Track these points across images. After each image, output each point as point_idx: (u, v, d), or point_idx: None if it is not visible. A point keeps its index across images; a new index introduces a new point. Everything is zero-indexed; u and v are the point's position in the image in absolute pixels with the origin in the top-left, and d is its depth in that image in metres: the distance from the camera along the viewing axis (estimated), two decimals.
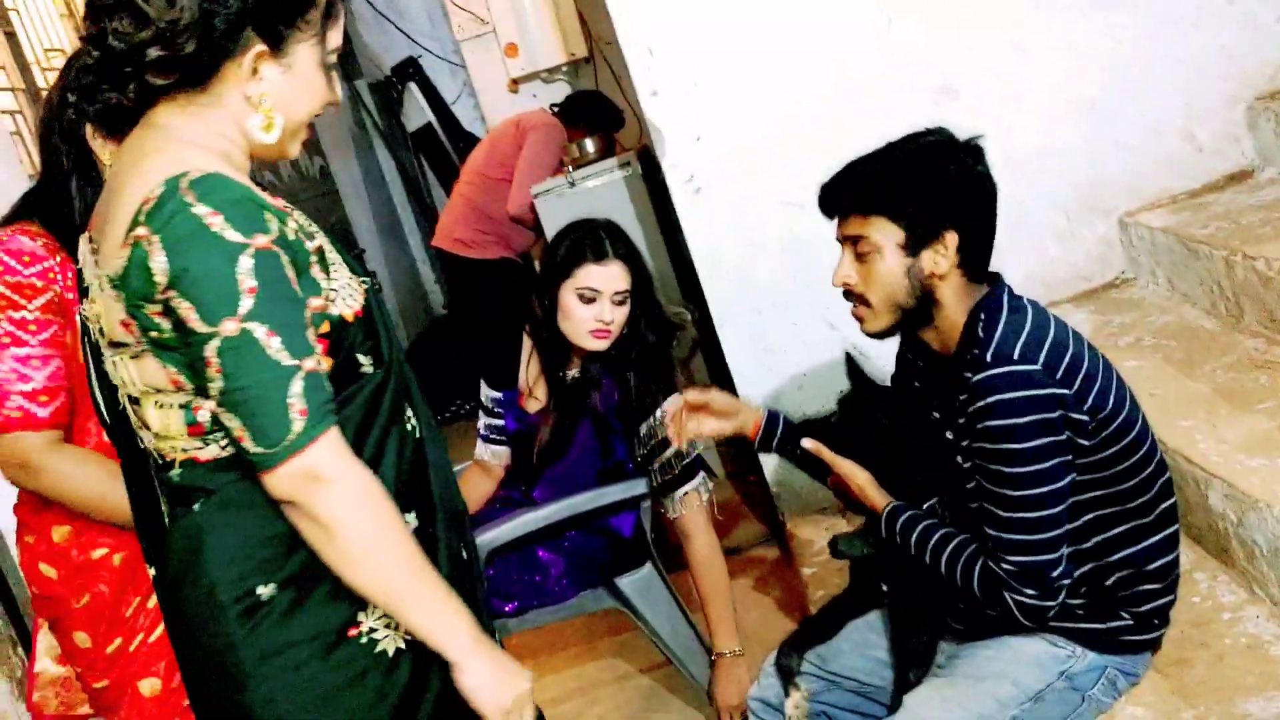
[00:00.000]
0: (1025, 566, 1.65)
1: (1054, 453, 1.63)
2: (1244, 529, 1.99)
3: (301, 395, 1.30)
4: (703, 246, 3.21)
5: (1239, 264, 2.57)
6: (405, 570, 1.38)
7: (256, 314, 1.28)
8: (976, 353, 1.68)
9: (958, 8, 3.07)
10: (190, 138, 1.37)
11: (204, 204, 1.27)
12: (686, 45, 3.09)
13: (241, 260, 1.27)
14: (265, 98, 1.39)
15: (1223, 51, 3.09)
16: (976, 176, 1.74)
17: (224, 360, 1.28)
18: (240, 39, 1.36)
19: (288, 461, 1.30)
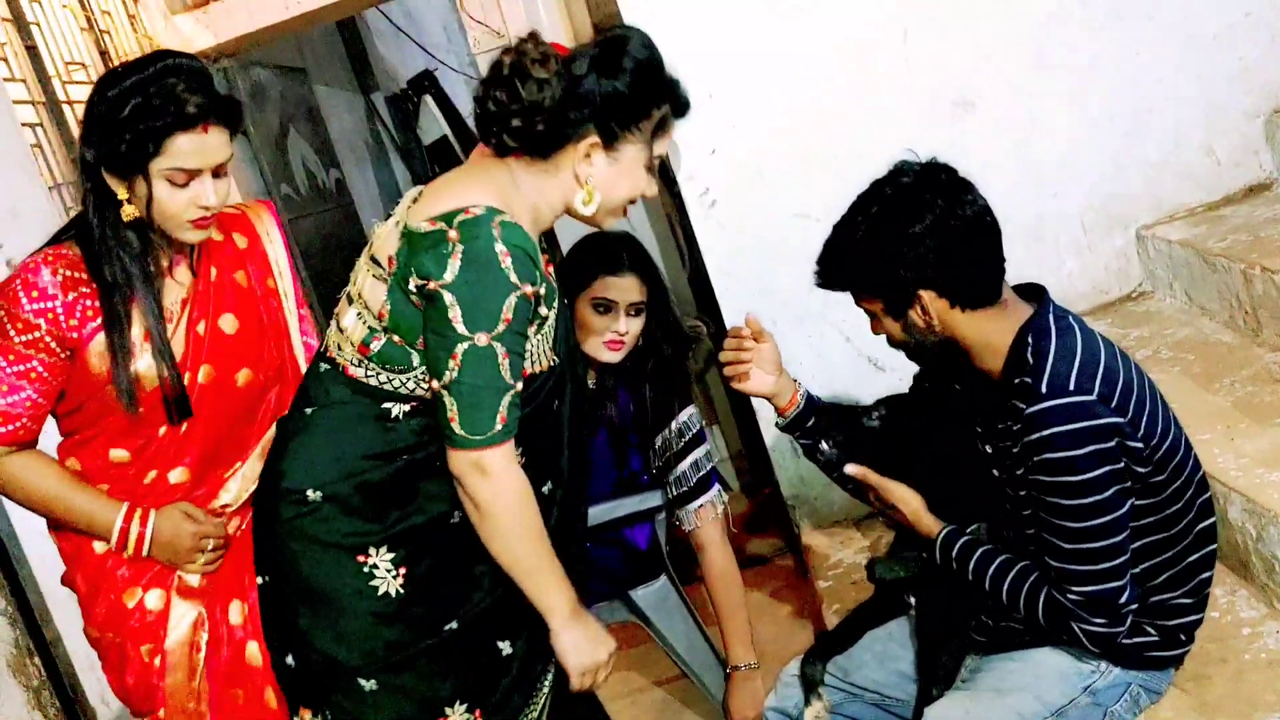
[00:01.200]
0: (1091, 596, 1.64)
1: (1113, 481, 1.62)
2: (1263, 543, 1.98)
3: (507, 407, 1.65)
4: (717, 259, 3.21)
5: (1258, 277, 2.55)
6: (529, 555, 1.73)
7: (502, 337, 1.63)
8: (1029, 382, 1.65)
9: (976, 21, 3.07)
10: (522, 187, 1.72)
11: (504, 244, 1.61)
12: (702, 58, 3.09)
13: (510, 298, 1.62)
14: (591, 178, 1.72)
15: (1241, 65, 3.09)
16: (951, 224, 1.68)
17: (466, 360, 1.62)
18: (581, 129, 1.69)
19: (474, 450, 1.64)
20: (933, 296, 1.69)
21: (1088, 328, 1.73)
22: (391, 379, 1.73)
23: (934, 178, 1.73)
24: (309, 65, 5.83)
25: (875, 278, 1.73)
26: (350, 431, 1.75)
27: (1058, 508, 1.63)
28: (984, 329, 1.72)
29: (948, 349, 1.75)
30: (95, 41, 4.19)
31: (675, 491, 2.55)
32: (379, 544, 1.75)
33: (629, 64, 1.70)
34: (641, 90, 1.71)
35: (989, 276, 1.72)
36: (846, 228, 1.77)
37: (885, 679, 2.03)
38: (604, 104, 1.69)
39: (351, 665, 1.77)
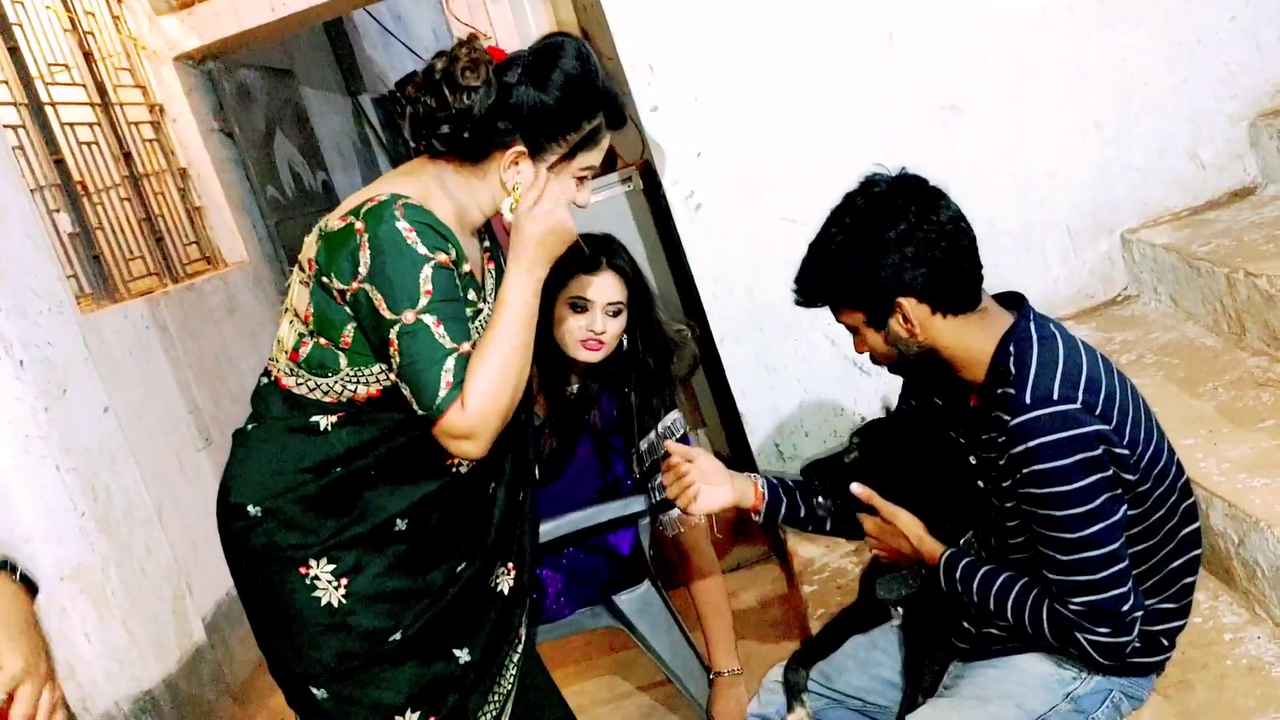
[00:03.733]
0: (1094, 605, 1.63)
1: (1103, 489, 1.61)
2: (1245, 549, 1.98)
3: (452, 370, 1.64)
4: (703, 263, 3.21)
5: (1241, 282, 2.55)
6: (519, 348, 1.71)
7: (429, 309, 1.63)
8: (1012, 392, 1.64)
9: (963, 27, 3.06)
10: (450, 187, 1.76)
11: (406, 221, 1.64)
12: (687, 61, 3.09)
13: (425, 269, 1.63)
14: (518, 186, 1.74)
15: (1226, 70, 3.09)
16: (926, 230, 1.67)
17: (401, 342, 1.64)
18: (508, 138, 1.72)
19: (439, 421, 1.64)
20: (913, 303, 1.68)
21: (1069, 335, 1.72)
22: (320, 385, 1.74)
23: (905, 186, 1.73)
24: (296, 67, 5.81)
25: (855, 288, 1.72)
26: (285, 445, 1.77)
27: (1051, 520, 1.62)
28: (965, 337, 1.71)
29: (930, 360, 1.74)
30: (78, 43, 4.17)
31: (659, 496, 2.53)
32: (318, 556, 1.76)
33: (558, 77, 1.71)
34: (570, 104, 1.72)
35: (968, 281, 1.71)
36: (822, 242, 1.77)
37: (868, 685, 2.02)
38: (531, 115, 1.71)
39: (301, 674, 1.80)
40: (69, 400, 3.30)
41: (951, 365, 1.74)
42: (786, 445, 3.29)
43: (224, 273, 4.60)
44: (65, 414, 3.26)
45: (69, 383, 3.31)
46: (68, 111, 3.93)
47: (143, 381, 3.77)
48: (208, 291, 4.40)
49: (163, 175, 4.50)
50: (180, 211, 4.56)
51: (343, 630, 1.77)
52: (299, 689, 1.83)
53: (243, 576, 1.84)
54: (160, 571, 3.53)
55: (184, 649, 3.53)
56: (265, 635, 1.85)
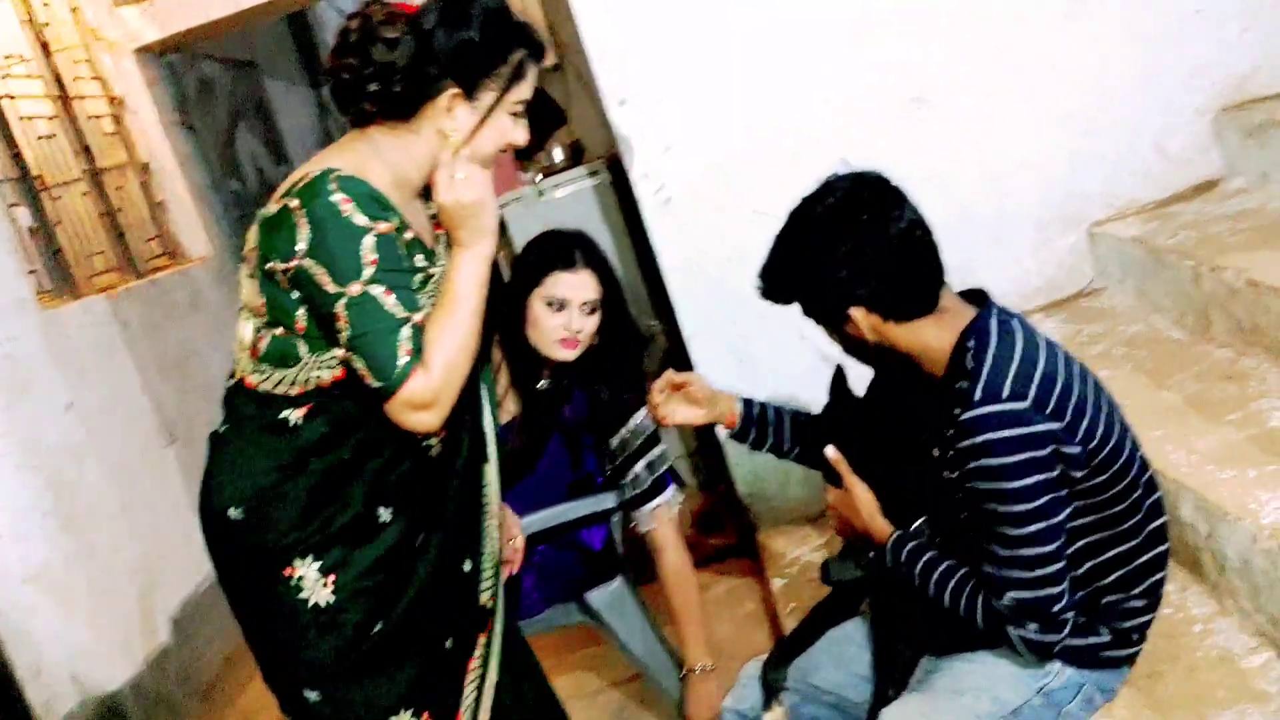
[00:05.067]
0: (1024, 602, 1.64)
1: (1046, 489, 1.61)
2: (1214, 541, 1.99)
3: (409, 339, 1.62)
4: (673, 258, 3.20)
5: (1206, 274, 2.57)
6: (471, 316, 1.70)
7: (375, 279, 1.61)
8: (965, 386, 1.64)
9: (932, 20, 3.07)
10: (385, 152, 1.72)
11: (341, 192, 1.61)
12: (655, 53, 3.08)
13: (365, 239, 1.61)
14: (455, 132, 1.71)
15: (1192, 63, 3.11)
16: (877, 241, 1.67)
17: (350, 314, 1.61)
18: (440, 84, 1.69)
19: (398, 393, 1.61)
20: (863, 313, 1.70)
21: (1030, 330, 1.72)
22: (285, 377, 1.72)
23: (860, 195, 1.72)
24: (258, 59, 5.75)
25: (806, 295, 1.76)
26: (258, 445, 1.75)
27: (992, 514, 1.63)
28: (921, 337, 1.72)
29: (890, 356, 1.76)
30: (36, 34, 4.10)
31: (631, 493, 2.53)
32: (303, 554, 1.73)
33: (478, 11, 1.69)
34: (494, 37, 1.71)
35: (921, 289, 1.72)
36: (780, 246, 1.79)
37: (843, 680, 2.02)
38: (458, 55, 1.69)
39: (293, 678, 1.77)
40: (30, 397, 3.25)
41: (911, 361, 1.75)
42: None
43: (187, 268, 4.54)
44: (27, 411, 3.22)
45: (30, 380, 3.27)
46: (26, 104, 3.87)
47: (105, 378, 3.72)
48: (170, 287, 4.34)
49: (124, 169, 4.44)
50: (142, 206, 4.50)
51: (333, 629, 1.74)
52: (292, 693, 1.79)
53: (230, 583, 1.81)
54: (126, 570, 3.49)
55: (150, 649, 3.50)
56: (256, 641, 1.82)
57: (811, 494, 3.30)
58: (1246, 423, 2.21)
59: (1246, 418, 2.23)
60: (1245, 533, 1.89)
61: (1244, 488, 1.99)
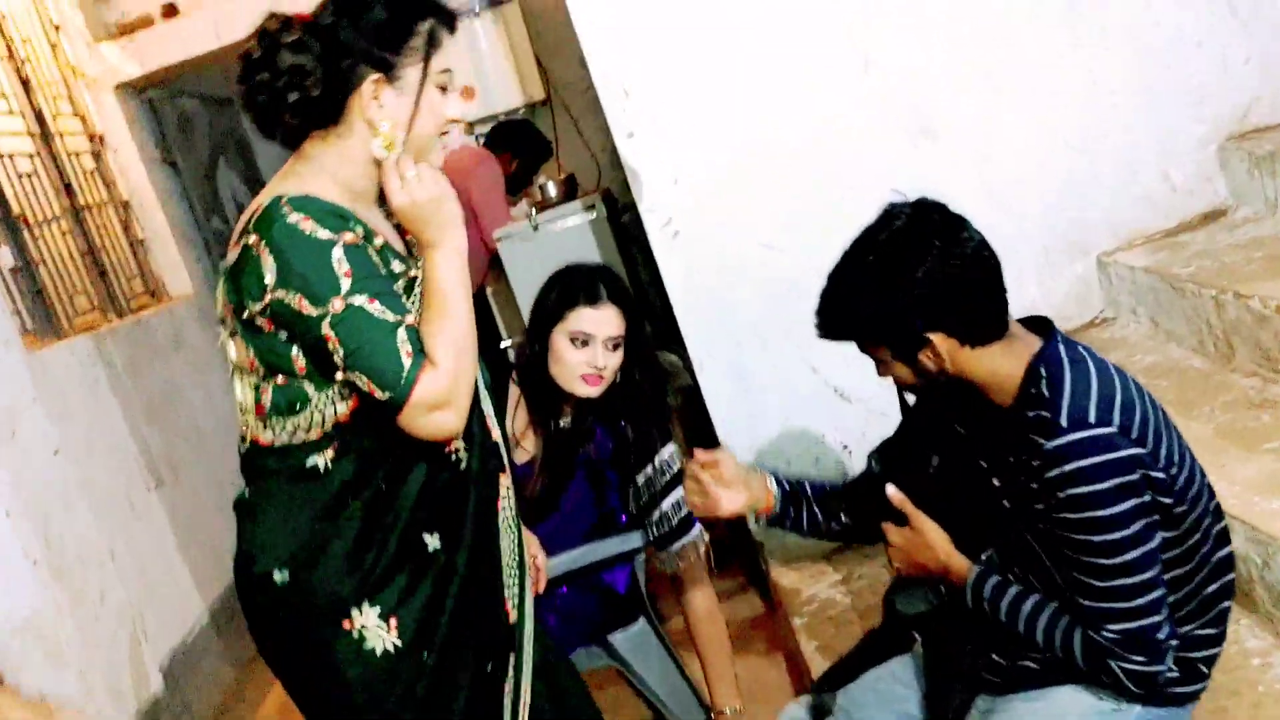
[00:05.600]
0: (1129, 633, 1.59)
1: (1140, 514, 1.58)
2: (1270, 571, 1.97)
3: (408, 340, 1.55)
4: (681, 290, 3.15)
5: (1230, 302, 2.56)
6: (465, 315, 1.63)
7: (355, 289, 1.54)
8: (1047, 415, 1.60)
9: (936, 50, 3.06)
10: (326, 165, 1.65)
11: (298, 213, 1.55)
12: (663, 86, 3.05)
13: (334, 252, 1.54)
14: (385, 122, 1.63)
15: (1195, 93, 3.12)
16: (952, 264, 1.63)
17: (339, 331, 1.53)
18: (358, 73, 1.62)
19: (410, 398, 1.53)
20: (942, 338, 1.64)
21: (1100, 358, 1.70)
22: (299, 424, 1.64)
23: (928, 217, 1.69)
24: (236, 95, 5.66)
25: (882, 326, 1.68)
26: (291, 498, 1.66)
27: (1087, 545, 1.59)
28: (994, 364, 1.68)
29: (959, 387, 1.70)
30: (15, 70, 4.02)
31: (657, 532, 2.47)
32: (358, 603, 1.64)
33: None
34: (396, 11, 1.65)
35: (995, 312, 1.68)
36: (844, 277, 1.71)
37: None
38: (366, 39, 1.62)
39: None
40: (18, 441, 3.14)
41: (979, 390, 1.71)
42: None
43: (170, 306, 4.45)
44: (14, 456, 3.11)
45: (18, 423, 3.16)
46: (6, 142, 3.78)
47: (92, 420, 3.62)
48: (154, 326, 4.25)
49: (104, 207, 4.34)
50: (123, 244, 4.41)
51: (404, 671, 1.65)
52: None
53: (282, 653, 1.71)
54: (116, 619, 3.37)
55: (142, 699, 3.38)
56: (315, 708, 1.72)
57: None
58: None
59: None
60: None
61: None
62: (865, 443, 3.20)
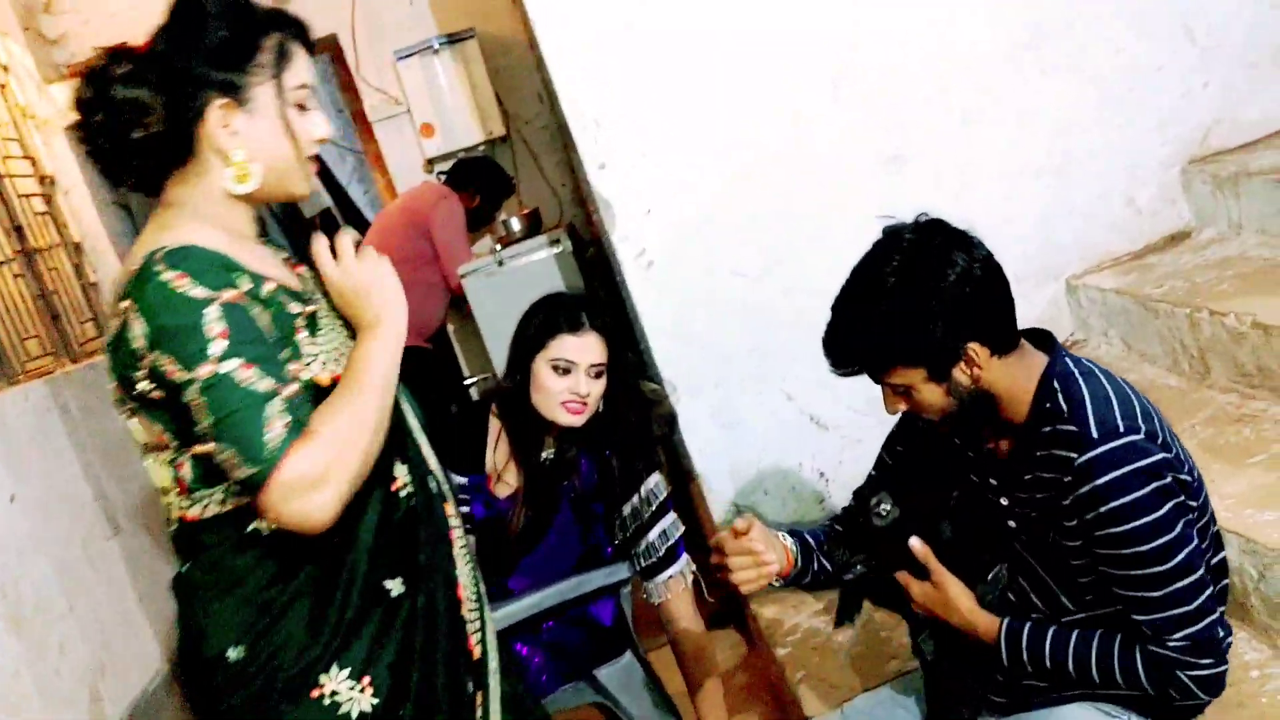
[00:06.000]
0: (1194, 638, 1.56)
1: (1180, 515, 1.56)
2: (1266, 583, 1.97)
3: (280, 414, 1.39)
4: (656, 321, 3.13)
5: (1205, 320, 2.59)
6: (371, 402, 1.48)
7: (228, 354, 1.39)
8: (1073, 429, 1.58)
9: (905, 80, 3.08)
10: (193, 208, 1.51)
11: (173, 269, 1.40)
12: (634, 117, 3.04)
13: (207, 312, 1.39)
14: (237, 150, 1.49)
15: (1157, 118, 3.17)
16: (974, 270, 1.61)
17: (205, 398, 1.38)
18: (200, 100, 1.48)
19: (275, 474, 1.37)
20: (977, 347, 1.60)
21: (1104, 369, 1.69)
22: (231, 490, 1.47)
23: (939, 231, 1.67)
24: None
25: (917, 343, 1.60)
26: (234, 570, 1.51)
27: (1138, 557, 1.55)
28: (1013, 376, 1.66)
29: (983, 403, 1.66)
30: None
31: (644, 563, 2.44)
32: (326, 667, 1.50)
33: (210, 7, 1.50)
34: (241, 25, 1.50)
35: (1013, 317, 1.67)
36: (864, 302, 1.63)
37: None
38: (207, 60, 1.48)
39: None
40: None
41: (997, 407, 1.68)
42: (746, 504, 3.21)
43: None
44: None
45: None
46: None
47: (47, 468, 3.50)
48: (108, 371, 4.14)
49: (56, 250, 4.24)
50: (76, 287, 4.30)
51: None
52: None
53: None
54: (75, 673, 3.25)
55: None
56: None
57: None
58: (1274, 464, 2.20)
59: (1272, 459, 2.22)
60: None
61: None
62: (842, 470, 3.21)
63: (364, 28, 4.81)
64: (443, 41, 4.68)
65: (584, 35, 2.99)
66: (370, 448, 1.47)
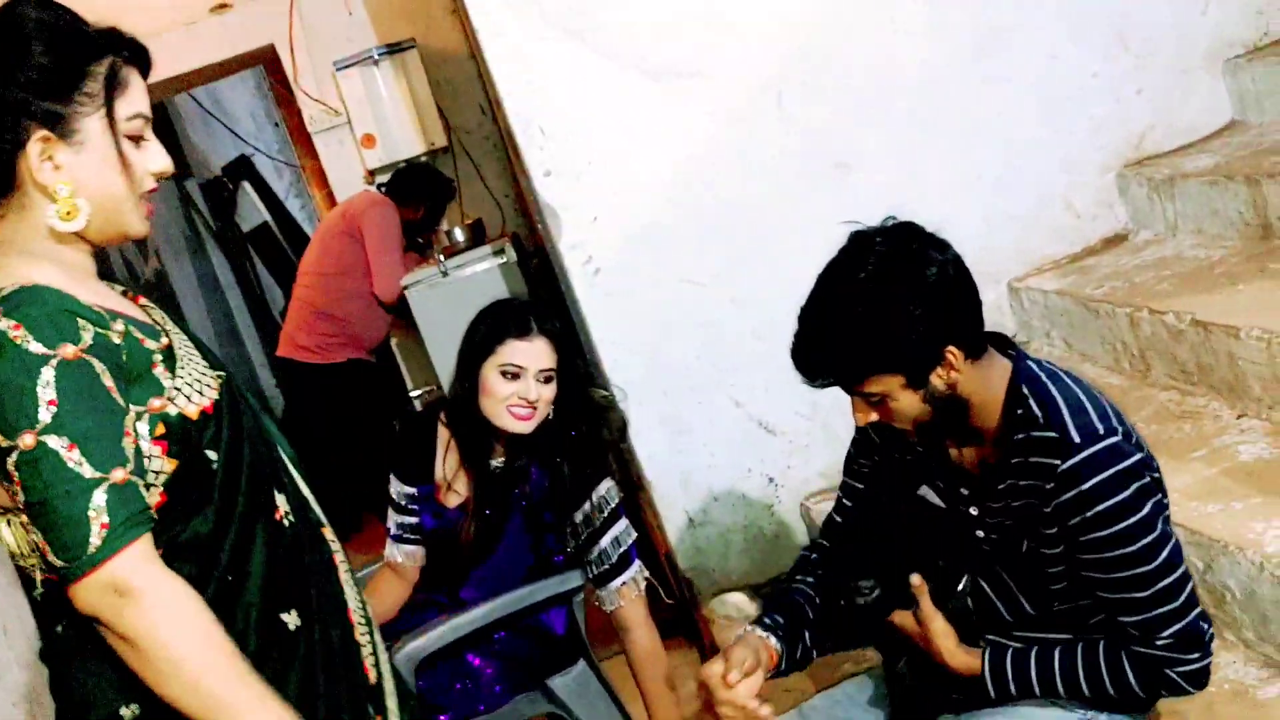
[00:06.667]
0: (1181, 634, 1.57)
1: (1159, 513, 1.57)
2: (1213, 574, 2.00)
3: (105, 508, 1.27)
4: (604, 328, 3.12)
5: (1145, 319, 2.63)
6: (222, 680, 1.33)
7: (54, 427, 1.27)
8: (1053, 435, 1.57)
9: (849, 87, 3.11)
10: (21, 245, 1.38)
11: (9, 318, 1.28)
12: (580, 125, 3.03)
13: (43, 372, 1.27)
14: (62, 186, 1.37)
15: (1093, 123, 3.23)
16: (950, 274, 1.59)
17: (22, 474, 1.27)
18: (20, 131, 1.35)
19: (89, 575, 1.27)
20: (954, 351, 1.58)
21: (1067, 370, 1.70)
22: None
23: (911, 233, 1.65)
24: None
25: (898, 347, 1.56)
26: None
27: (1124, 558, 1.55)
28: (985, 380, 1.64)
29: (957, 409, 1.63)
30: None
31: (596, 570, 2.42)
32: None
33: (33, 29, 1.37)
34: (60, 48, 1.38)
35: (983, 321, 1.65)
36: (840, 307, 1.58)
37: None
38: (27, 88, 1.36)
39: None
40: None
41: (969, 414, 1.66)
42: (696, 511, 3.21)
43: None
44: None
45: None
46: None
47: None
48: None
49: None
50: None
51: None
52: None
53: None
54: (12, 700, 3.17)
55: None
56: None
57: (754, 563, 3.24)
58: (1215, 459, 2.24)
59: (1213, 454, 2.26)
60: (1249, 563, 1.90)
61: (1236, 520, 2.00)
62: (790, 475, 3.23)
63: (302, 38, 4.76)
64: (383, 52, 4.65)
65: (528, 43, 2.98)
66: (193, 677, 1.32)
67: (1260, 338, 2.27)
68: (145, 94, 1.45)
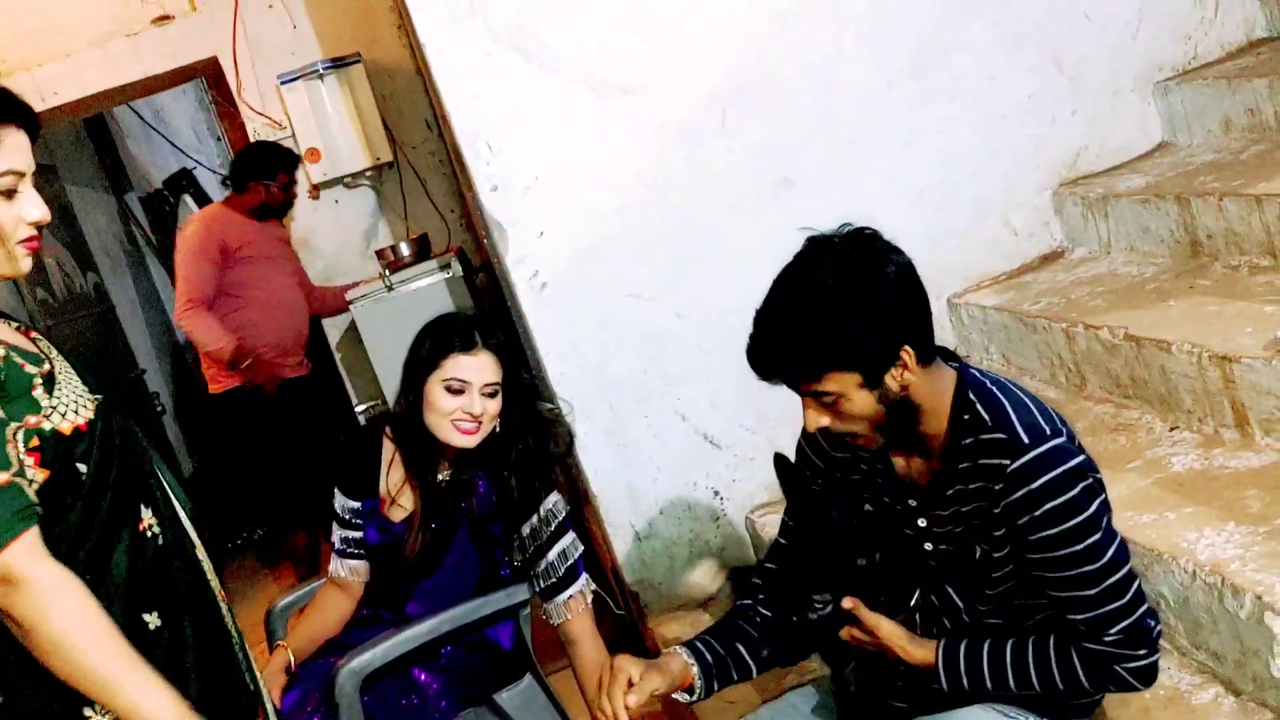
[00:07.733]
0: (1128, 630, 1.60)
1: (1104, 513, 1.61)
2: (1147, 583, 2.04)
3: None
4: (551, 342, 3.13)
5: (1081, 334, 2.69)
6: (105, 658, 1.46)
7: None
8: (1001, 437, 1.61)
9: (792, 104, 3.15)
10: None
11: None
12: (526, 140, 3.05)
13: None
14: None
15: (1030, 142, 3.30)
16: (906, 273, 1.63)
17: None
18: None
19: None
20: (908, 352, 1.61)
21: (1009, 379, 1.75)
22: None
23: (867, 235, 1.69)
24: (57, 162, 5.43)
25: (858, 343, 1.59)
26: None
27: (1072, 557, 1.59)
28: (933, 385, 1.68)
29: (908, 413, 1.66)
30: None
31: (543, 583, 2.42)
32: (91, 702, 1.50)
33: None
34: None
35: (932, 326, 1.69)
36: (799, 302, 1.61)
37: None
38: None
39: None
40: None
41: (919, 419, 1.69)
42: (642, 525, 3.23)
43: None
44: None
45: None
46: None
47: None
48: None
49: None
50: None
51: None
52: None
53: None
54: None
55: None
56: None
57: (702, 577, 3.25)
58: (1149, 470, 2.30)
59: (1147, 465, 2.32)
60: (1182, 571, 1.95)
61: (1169, 529, 2.05)
62: (735, 488, 3.25)
63: (245, 51, 4.73)
64: (328, 66, 4.63)
65: (474, 58, 2.99)
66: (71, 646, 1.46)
67: (1190, 352, 2.33)
68: (25, 150, 1.55)
